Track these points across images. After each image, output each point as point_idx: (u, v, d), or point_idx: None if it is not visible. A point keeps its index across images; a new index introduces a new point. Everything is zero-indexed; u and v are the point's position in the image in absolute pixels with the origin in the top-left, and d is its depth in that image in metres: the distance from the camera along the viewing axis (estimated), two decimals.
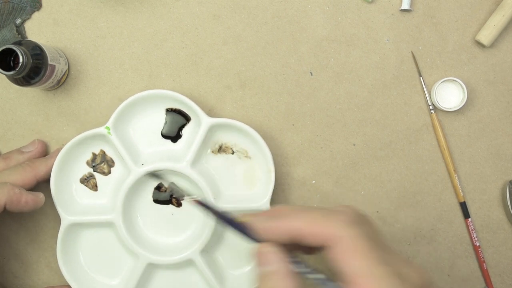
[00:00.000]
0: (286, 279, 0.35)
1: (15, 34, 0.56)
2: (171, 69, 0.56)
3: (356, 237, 0.34)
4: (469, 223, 0.56)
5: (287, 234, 0.36)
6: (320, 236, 0.35)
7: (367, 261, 0.33)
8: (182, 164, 0.52)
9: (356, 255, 0.33)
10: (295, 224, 0.36)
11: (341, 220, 0.35)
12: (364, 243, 0.33)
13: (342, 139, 0.56)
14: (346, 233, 0.34)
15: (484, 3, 0.56)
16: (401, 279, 0.33)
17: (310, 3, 0.56)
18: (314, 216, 0.36)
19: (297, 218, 0.36)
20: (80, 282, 0.53)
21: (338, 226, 0.34)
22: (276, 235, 0.37)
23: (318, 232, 0.35)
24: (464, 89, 0.54)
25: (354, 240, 0.34)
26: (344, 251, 0.33)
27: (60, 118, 0.56)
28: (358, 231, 0.34)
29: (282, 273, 0.36)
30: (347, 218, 0.35)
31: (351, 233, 0.34)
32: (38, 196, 0.50)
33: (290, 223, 0.36)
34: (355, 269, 0.33)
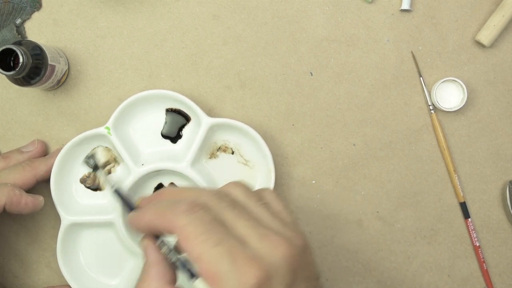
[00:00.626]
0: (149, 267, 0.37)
1: (15, 34, 0.56)
2: (171, 69, 0.56)
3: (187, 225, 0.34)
4: (469, 223, 0.56)
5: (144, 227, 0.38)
6: (166, 228, 0.35)
7: (202, 244, 0.33)
8: (182, 164, 0.52)
9: (189, 242, 0.34)
10: (147, 217, 0.37)
11: (177, 211, 0.35)
12: (195, 228, 0.34)
13: (342, 139, 0.56)
14: (179, 223, 0.34)
15: (484, 3, 0.56)
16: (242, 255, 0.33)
17: (310, 3, 0.56)
18: (159, 209, 0.36)
19: (148, 211, 0.37)
20: (80, 282, 0.53)
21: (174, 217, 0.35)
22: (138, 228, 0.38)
23: (163, 225, 0.36)
24: (464, 89, 0.54)
25: (186, 228, 0.34)
26: (181, 239, 0.34)
27: (60, 118, 0.56)
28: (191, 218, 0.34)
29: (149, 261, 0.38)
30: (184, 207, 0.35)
31: (183, 222, 0.34)
32: (38, 199, 0.50)
33: (144, 216, 0.37)
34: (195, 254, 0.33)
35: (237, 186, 0.39)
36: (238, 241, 0.34)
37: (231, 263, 0.33)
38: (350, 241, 0.57)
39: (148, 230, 0.38)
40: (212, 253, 0.33)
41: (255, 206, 0.37)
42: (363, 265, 0.57)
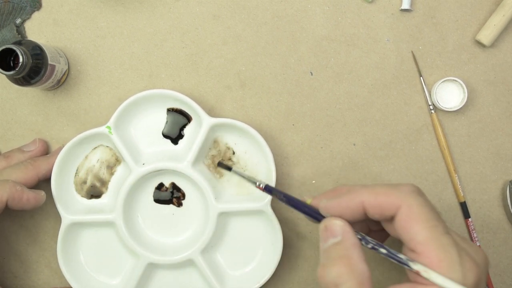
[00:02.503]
0: (352, 249, 0.36)
1: (15, 34, 0.56)
2: (171, 69, 0.56)
3: (419, 205, 0.34)
4: (469, 223, 0.56)
5: (353, 209, 0.37)
6: (384, 206, 0.35)
7: (432, 229, 0.33)
8: (183, 164, 0.52)
9: (420, 223, 0.33)
10: (358, 198, 0.37)
11: (404, 191, 0.35)
12: (427, 211, 0.34)
13: (342, 139, 0.56)
14: (409, 201, 0.34)
15: (484, 3, 0.56)
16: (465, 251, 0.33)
17: (310, 3, 0.56)
18: (376, 189, 0.36)
19: (360, 193, 0.37)
20: (80, 282, 0.53)
21: (401, 196, 0.35)
22: (340, 211, 0.38)
23: (382, 203, 0.35)
24: (464, 89, 0.54)
25: (417, 208, 0.34)
26: (408, 218, 0.34)
27: (60, 118, 0.56)
28: (420, 200, 0.34)
29: (349, 243, 0.36)
30: (409, 189, 0.35)
31: (413, 202, 0.34)
32: (40, 194, 0.50)
33: (354, 198, 0.37)
34: (420, 237, 0.33)
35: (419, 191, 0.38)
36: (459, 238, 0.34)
37: (458, 256, 0.33)
38: None
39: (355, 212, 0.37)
40: (442, 241, 0.33)
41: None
42: None
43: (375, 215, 0.36)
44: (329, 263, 0.36)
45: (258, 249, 0.55)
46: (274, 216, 0.52)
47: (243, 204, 0.53)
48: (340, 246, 0.36)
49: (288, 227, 0.56)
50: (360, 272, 0.35)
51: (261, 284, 0.53)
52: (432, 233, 0.33)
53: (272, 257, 0.53)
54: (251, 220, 0.55)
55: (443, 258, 0.32)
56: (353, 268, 0.35)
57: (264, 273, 0.53)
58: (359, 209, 0.37)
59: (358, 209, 0.37)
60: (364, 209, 0.37)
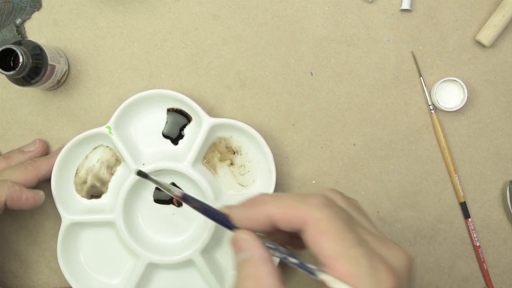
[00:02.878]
0: (259, 265, 0.35)
1: (15, 34, 0.56)
2: (171, 69, 0.56)
3: (326, 219, 0.33)
4: (469, 223, 0.56)
5: (261, 221, 0.36)
6: (292, 220, 0.34)
7: (340, 243, 0.32)
8: (183, 164, 0.52)
9: (327, 237, 0.32)
10: (268, 210, 0.35)
11: (311, 204, 0.34)
12: (336, 224, 0.33)
13: (342, 139, 0.56)
14: (316, 216, 0.33)
15: (484, 3, 0.56)
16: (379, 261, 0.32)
17: (310, 3, 0.56)
18: (285, 202, 0.35)
19: (270, 205, 0.36)
20: (80, 282, 0.53)
21: (308, 209, 0.34)
22: (251, 223, 0.37)
23: (290, 217, 0.34)
24: (464, 89, 0.54)
25: (324, 222, 0.33)
26: (316, 233, 0.33)
27: (60, 118, 0.56)
28: (328, 213, 0.33)
29: (256, 259, 0.35)
30: (317, 201, 0.34)
31: (321, 216, 0.33)
32: (38, 194, 0.50)
33: (264, 210, 0.36)
34: (329, 252, 0.32)
35: (337, 192, 0.38)
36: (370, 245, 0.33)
37: (370, 267, 0.32)
38: None
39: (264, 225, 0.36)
40: (352, 254, 0.32)
41: (357, 213, 0.37)
42: None
43: (285, 228, 0.35)
44: (240, 282, 0.35)
45: None
46: None
47: None
48: (248, 263, 0.35)
49: None
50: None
51: None
52: (341, 246, 0.32)
53: None
54: None
55: (352, 272, 0.31)
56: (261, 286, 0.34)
57: None
58: (267, 222, 0.36)
59: (266, 222, 0.36)
60: (273, 222, 0.35)
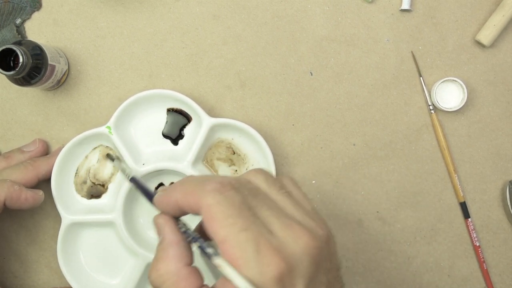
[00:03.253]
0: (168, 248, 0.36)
1: (15, 34, 0.56)
2: (171, 69, 0.56)
3: (216, 205, 0.33)
4: (469, 223, 0.56)
5: (171, 206, 0.37)
6: (192, 206, 0.35)
7: (229, 227, 0.33)
8: (183, 164, 0.52)
9: (217, 222, 0.33)
10: (174, 195, 0.36)
11: (206, 190, 0.34)
12: (225, 210, 0.33)
13: (342, 139, 0.56)
14: (208, 202, 0.34)
15: (484, 3, 0.56)
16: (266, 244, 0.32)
17: (310, 3, 0.56)
18: (187, 187, 0.36)
19: (176, 190, 0.36)
20: (80, 282, 0.53)
21: (202, 195, 0.34)
22: (165, 207, 0.38)
23: (190, 203, 0.35)
24: (464, 89, 0.54)
25: (214, 207, 0.33)
26: (208, 218, 0.33)
27: (60, 118, 0.56)
28: (218, 198, 0.33)
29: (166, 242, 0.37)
30: (212, 187, 0.34)
31: (212, 201, 0.33)
32: (38, 193, 0.50)
33: (172, 196, 0.37)
34: (219, 236, 0.33)
35: (259, 173, 0.38)
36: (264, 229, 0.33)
37: (255, 251, 0.32)
38: (350, 241, 0.57)
39: (175, 209, 0.37)
40: (238, 238, 0.32)
41: (277, 194, 0.37)
42: (363, 265, 0.57)
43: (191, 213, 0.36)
44: (152, 264, 0.36)
45: None
46: None
47: None
48: (159, 246, 0.37)
49: None
50: (175, 271, 0.35)
51: None
52: (228, 231, 0.32)
53: None
54: None
55: (238, 256, 0.32)
56: (168, 269, 0.35)
57: None
58: (176, 206, 0.36)
59: (175, 206, 0.37)
60: (180, 207, 0.36)
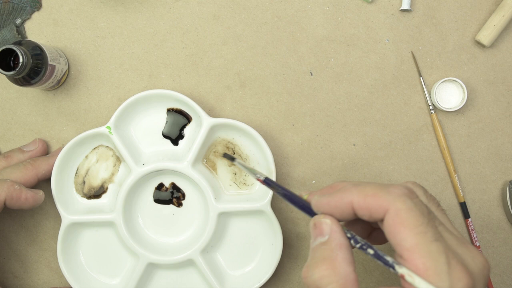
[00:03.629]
0: (337, 250, 0.35)
1: (15, 34, 0.56)
2: (171, 69, 0.56)
3: (407, 209, 0.33)
4: (469, 223, 0.56)
5: (342, 208, 0.36)
6: (373, 209, 0.34)
7: (420, 235, 0.32)
8: (183, 164, 0.52)
9: (407, 229, 0.32)
10: (349, 197, 0.35)
11: (393, 193, 0.34)
12: (416, 216, 0.32)
13: (342, 139, 0.56)
14: (397, 206, 0.33)
15: (484, 3, 0.56)
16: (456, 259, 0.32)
17: (310, 3, 0.56)
18: (367, 189, 0.35)
19: (349, 192, 0.35)
20: (80, 282, 0.54)
21: (390, 198, 0.33)
22: (332, 210, 0.37)
23: (370, 205, 0.34)
24: (464, 89, 0.54)
25: (405, 213, 0.33)
26: (396, 223, 0.33)
27: (60, 118, 0.56)
28: (410, 204, 0.33)
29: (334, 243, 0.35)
30: (399, 191, 0.34)
31: (402, 206, 0.33)
32: (38, 193, 0.50)
33: (345, 197, 0.36)
34: (407, 243, 0.32)
35: (418, 187, 0.38)
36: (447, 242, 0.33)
37: (447, 264, 0.31)
38: None
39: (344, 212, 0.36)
40: (430, 248, 0.32)
41: (436, 210, 0.37)
42: (363, 265, 0.57)
43: (364, 216, 0.35)
44: (314, 263, 0.35)
45: (258, 249, 0.55)
46: (274, 216, 0.52)
47: (243, 204, 0.53)
48: (325, 247, 0.35)
49: (288, 227, 0.56)
50: (344, 274, 0.34)
51: (261, 284, 0.53)
52: (419, 239, 0.32)
53: (272, 257, 0.53)
54: (251, 220, 0.55)
55: (429, 266, 0.31)
56: (336, 271, 0.34)
57: (264, 273, 0.53)
58: (348, 209, 0.36)
59: (347, 209, 0.36)
60: (354, 209, 0.35)
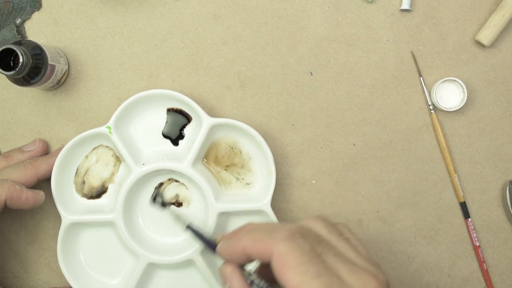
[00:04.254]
0: None
1: (15, 34, 0.56)
2: (171, 69, 0.56)
3: (288, 252, 0.35)
4: (469, 223, 0.56)
5: (238, 253, 0.38)
6: (261, 253, 0.36)
7: (302, 275, 0.34)
8: (183, 164, 0.52)
9: (289, 269, 0.34)
10: (241, 244, 0.38)
11: (277, 238, 0.36)
12: (297, 257, 0.34)
13: (342, 139, 0.56)
14: (280, 249, 0.35)
15: (484, 3, 0.56)
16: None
17: (310, 3, 0.56)
18: (256, 235, 0.37)
19: (244, 238, 0.38)
20: (80, 282, 0.53)
21: (273, 243, 0.36)
22: (232, 255, 0.39)
23: (259, 250, 0.37)
24: (464, 89, 0.54)
25: (287, 255, 0.35)
26: (280, 265, 0.35)
27: (60, 118, 0.56)
28: (291, 246, 0.35)
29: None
30: (283, 235, 0.36)
31: (284, 249, 0.35)
32: (38, 194, 0.50)
33: (238, 244, 0.38)
34: (291, 283, 0.34)
35: (318, 220, 0.40)
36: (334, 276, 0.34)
37: None
38: None
39: (241, 257, 0.38)
40: (312, 285, 0.33)
41: (337, 240, 0.38)
42: None
43: (260, 260, 0.38)
44: None
45: None
46: (274, 216, 0.52)
47: (243, 204, 0.53)
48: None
49: None
50: None
51: None
52: (301, 278, 0.34)
53: None
54: (251, 220, 0.55)
55: None
56: None
57: None
58: (244, 254, 0.38)
59: (243, 254, 0.38)
60: (248, 254, 0.38)
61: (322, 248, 0.36)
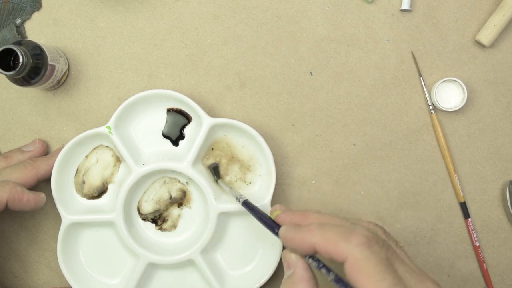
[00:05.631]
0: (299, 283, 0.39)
1: (15, 34, 0.56)
2: (171, 69, 0.56)
3: (365, 259, 0.35)
4: (469, 223, 0.56)
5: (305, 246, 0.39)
6: (332, 255, 0.37)
7: (378, 284, 0.34)
8: (183, 164, 0.52)
9: (366, 277, 0.35)
10: (310, 240, 0.39)
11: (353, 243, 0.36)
12: (374, 265, 0.35)
13: (342, 139, 0.56)
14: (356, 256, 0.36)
15: (484, 3, 0.56)
16: None
17: (310, 3, 0.56)
18: (329, 235, 0.38)
19: (314, 235, 0.39)
20: (80, 282, 0.54)
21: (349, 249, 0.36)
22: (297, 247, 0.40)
23: (329, 251, 0.37)
24: (464, 89, 0.54)
25: (363, 263, 0.35)
26: (356, 271, 0.35)
27: (60, 118, 0.56)
28: (368, 254, 0.35)
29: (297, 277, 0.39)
30: (359, 241, 0.36)
31: (360, 256, 0.35)
32: (40, 196, 0.50)
33: (308, 238, 0.39)
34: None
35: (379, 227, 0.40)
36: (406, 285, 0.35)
37: None
38: None
39: (307, 250, 0.39)
40: None
41: (396, 247, 0.39)
42: None
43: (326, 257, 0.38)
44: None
45: (258, 249, 0.55)
46: None
47: None
48: (290, 280, 0.40)
49: None
50: None
51: (261, 284, 0.53)
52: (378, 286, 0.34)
53: (272, 257, 0.53)
54: (251, 220, 0.54)
55: None
56: None
57: (264, 273, 0.53)
58: (310, 249, 0.39)
59: (309, 248, 0.39)
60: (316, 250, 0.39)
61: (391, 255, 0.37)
